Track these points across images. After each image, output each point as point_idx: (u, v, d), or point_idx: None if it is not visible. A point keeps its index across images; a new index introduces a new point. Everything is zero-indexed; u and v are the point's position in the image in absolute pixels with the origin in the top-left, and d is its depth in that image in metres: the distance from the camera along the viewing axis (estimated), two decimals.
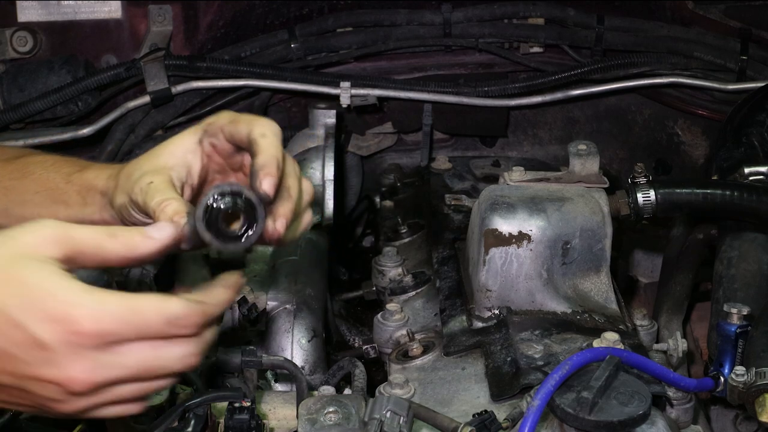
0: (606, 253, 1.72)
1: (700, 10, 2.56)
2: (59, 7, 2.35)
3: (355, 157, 2.60)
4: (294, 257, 2.09)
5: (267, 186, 1.16)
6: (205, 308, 1.09)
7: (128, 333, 1.03)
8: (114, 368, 1.04)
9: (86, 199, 1.36)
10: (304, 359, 1.86)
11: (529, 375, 1.52)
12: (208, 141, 1.28)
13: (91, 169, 1.38)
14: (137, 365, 1.05)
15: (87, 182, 1.36)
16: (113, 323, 1.02)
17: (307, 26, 2.51)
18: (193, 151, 1.28)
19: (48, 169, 1.40)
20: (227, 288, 1.15)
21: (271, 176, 1.17)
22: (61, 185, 1.38)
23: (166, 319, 1.05)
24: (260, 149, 1.21)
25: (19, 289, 1.02)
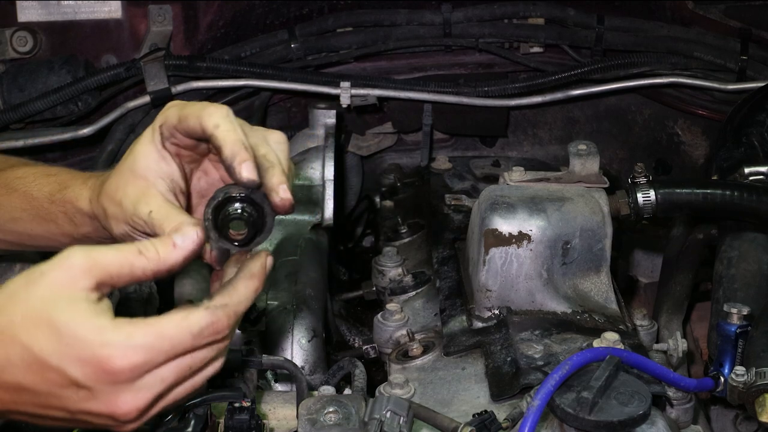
0: (606, 253, 1.72)
1: (700, 10, 2.56)
2: (59, 7, 2.35)
3: (355, 157, 2.60)
4: (294, 257, 2.09)
5: (247, 173, 1.15)
6: (229, 311, 1.10)
7: (160, 358, 1.07)
8: (155, 387, 1.08)
9: (75, 220, 1.36)
10: (304, 359, 1.86)
11: (529, 375, 1.52)
12: (169, 143, 1.25)
13: (69, 188, 1.36)
14: (176, 376, 1.09)
15: (71, 204, 1.35)
16: (144, 355, 1.05)
17: (307, 26, 2.51)
18: (163, 158, 1.26)
19: (30, 186, 1.40)
20: (251, 279, 1.15)
21: (246, 160, 1.15)
22: (45, 205, 1.38)
23: (193, 335, 1.07)
24: (220, 141, 1.18)
25: (51, 333, 1.05)
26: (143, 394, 1.07)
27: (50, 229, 1.40)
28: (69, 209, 1.36)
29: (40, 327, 1.05)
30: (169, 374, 1.08)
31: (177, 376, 1.09)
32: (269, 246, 2.15)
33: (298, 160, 2.24)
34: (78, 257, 1.07)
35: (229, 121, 1.19)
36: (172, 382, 1.09)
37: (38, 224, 1.40)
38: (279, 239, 2.16)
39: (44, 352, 1.05)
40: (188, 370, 1.10)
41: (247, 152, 1.16)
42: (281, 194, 1.17)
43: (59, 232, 1.39)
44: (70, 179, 1.38)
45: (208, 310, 1.08)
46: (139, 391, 1.07)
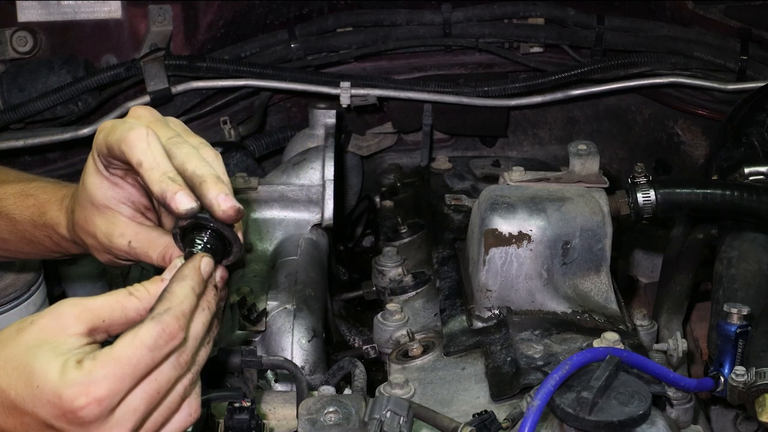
0: (606, 253, 1.72)
1: (700, 10, 2.57)
2: (59, 7, 2.35)
3: (355, 157, 2.60)
4: (294, 257, 2.09)
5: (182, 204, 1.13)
6: (174, 312, 1.07)
7: (124, 385, 1.05)
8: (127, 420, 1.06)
9: (61, 244, 1.37)
10: (304, 359, 1.86)
11: (529, 375, 1.51)
12: (111, 169, 1.24)
13: (48, 213, 1.35)
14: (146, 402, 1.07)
15: (52, 230, 1.35)
16: (106, 386, 1.04)
17: (307, 26, 2.51)
18: (115, 184, 1.25)
19: (11, 209, 1.39)
20: (183, 280, 1.12)
21: (176, 192, 1.13)
22: (29, 229, 1.38)
23: (149, 347, 1.05)
24: (146, 180, 1.15)
25: (25, 378, 1.05)
26: (118, 430, 1.05)
27: (39, 249, 1.40)
28: (53, 235, 1.36)
29: (17, 372, 1.05)
30: (139, 402, 1.06)
31: (147, 403, 1.07)
32: (269, 246, 2.15)
33: (298, 160, 2.24)
34: (68, 305, 1.07)
35: (151, 155, 1.15)
36: (144, 410, 1.07)
37: (26, 245, 1.40)
38: (279, 239, 2.16)
39: (19, 397, 1.05)
40: (156, 394, 1.07)
41: (174, 183, 1.13)
42: (222, 206, 1.15)
43: (47, 251, 1.40)
44: (47, 203, 1.36)
45: (154, 320, 1.06)
46: (113, 429, 1.05)
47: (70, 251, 1.38)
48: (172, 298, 1.09)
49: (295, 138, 2.39)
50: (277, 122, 2.63)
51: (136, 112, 1.24)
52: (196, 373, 1.13)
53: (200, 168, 1.16)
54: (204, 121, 2.47)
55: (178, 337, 1.07)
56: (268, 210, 2.18)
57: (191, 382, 1.12)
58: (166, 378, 1.08)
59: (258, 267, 2.09)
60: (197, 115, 2.44)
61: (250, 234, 2.14)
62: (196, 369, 1.13)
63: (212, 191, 1.15)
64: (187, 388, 1.12)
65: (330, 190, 2.13)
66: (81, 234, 1.29)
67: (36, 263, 1.88)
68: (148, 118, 1.22)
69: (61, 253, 1.40)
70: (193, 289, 1.11)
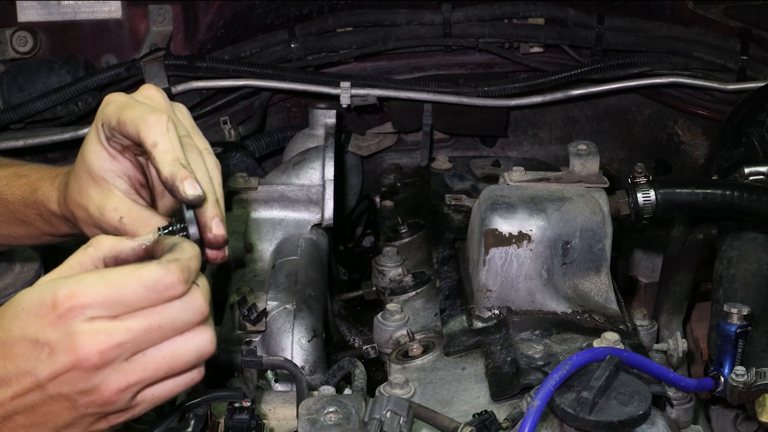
0: (606, 253, 1.72)
1: (700, 10, 2.57)
2: (59, 7, 2.35)
3: (355, 157, 2.60)
4: (294, 257, 2.09)
5: (191, 189, 1.14)
6: (181, 264, 1.05)
7: (109, 303, 1.02)
8: (117, 334, 1.03)
9: (51, 222, 1.36)
10: (304, 359, 1.86)
11: (529, 375, 1.51)
12: (111, 142, 1.24)
13: (39, 190, 1.35)
14: (144, 330, 1.04)
15: (43, 206, 1.35)
16: (91, 294, 1.02)
17: (307, 26, 2.51)
18: (113, 156, 1.25)
19: (3, 190, 1.39)
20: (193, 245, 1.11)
21: (187, 177, 1.14)
22: (20, 208, 1.38)
23: (146, 287, 1.03)
24: (158, 162, 1.16)
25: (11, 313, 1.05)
26: (104, 337, 1.02)
27: (30, 230, 1.40)
28: (43, 212, 1.36)
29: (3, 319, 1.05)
30: (136, 325, 1.03)
31: (146, 331, 1.03)
32: (269, 246, 2.15)
33: (298, 160, 2.24)
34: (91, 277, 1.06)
35: (168, 139, 1.17)
36: (139, 334, 1.03)
37: (18, 226, 1.40)
38: (279, 239, 2.15)
39: (5, 332, 1.04)
40: (158, 329, 1.04)
41: (185, 170, 1.15)
42: (214, 230, 1.17)
43: (40, 232, 1.40)
44: (39, 180, 1.37)
45: (160, 264, 1.04)
46: (98, 334, 1.02)
47: (60, 230, 1.37)
48: (182, 252, 1.08)
49: (295, 138, 2.39)
50: (277, 122, 2.63)
51: (148, 92, 1.25)
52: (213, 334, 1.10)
53: (204, 183, 1.17)
54: (204, 121, 2.47)
55: (177, 288, 1.04)
56: (268, 210, 2.18)
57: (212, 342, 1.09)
58: (170, 318, 1.05)
59: (258, 267, 2.09)
60: (197, 115, 2.43)
61: (250, 234, 2.14)
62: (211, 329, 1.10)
63: (209, 212, 1.17)
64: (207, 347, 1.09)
65: (330, 190, 2.13)
66: (72, 207, 1.28)
67: (36, 263, 1.88)
68: (162, 104, 1.24)
69: (51, 235, 1.40)
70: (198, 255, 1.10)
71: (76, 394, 1.05)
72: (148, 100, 1.24)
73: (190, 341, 1.07)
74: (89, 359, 1.02)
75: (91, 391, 1.05)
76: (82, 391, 1.05)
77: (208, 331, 1.09)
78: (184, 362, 1.08)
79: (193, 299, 1.06)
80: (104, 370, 1.04)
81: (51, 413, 1.07)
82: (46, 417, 1.07)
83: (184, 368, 1.08)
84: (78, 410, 1.07)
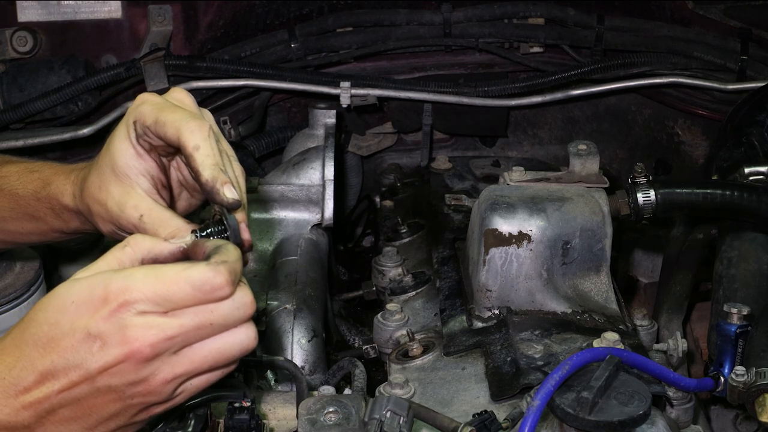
0: (606, 253, 1.72)
1: (700, 10, 2.57)
2: (59, 7, 2.35)
3: (355, 157, 2.60)
4: (294, 257, 2.09)
5: (231, 194, 1.19)
6: (229, 267, 1.08)
7: (159, 299, 1.05)
8: (169, 327, 1.05)
9: (62, 216, 1.37)
10: (304, 359, 1.86)
11: (529, 375, 1.52)
12: (142, 140, 1.26)
13: (53, 184, 1.37)
14: (196, 325, 1.06)
15: (56, 200, 1.36)
16: (142, 289, 1.05)
17: (307, 26, 2.51)
18: (140, 155, 1.27)
19: (14, 184, 1.40)
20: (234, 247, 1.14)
21: (227, 183, 1.19)
22: (31, 203, 1.38)
23: (193, 287, 1.06)
24: (199, 165, 1.19)
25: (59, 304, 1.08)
26: (156, 331, 1.05)
27: (39, 226, 1.40)
28: (55, 206, 1.37)
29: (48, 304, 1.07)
30: (188, 321, 1.06)
31: (197, 327, 1.06)
32: (269, 246, 2.15)
33: (298, 160, 2.24)
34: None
35: (209, 145, 1.20)
36: (190, 330, 1.06)
37: (27, 222, 1.41)
38: (279, 239, 2.16)
39: (52, 327, 1.06)
40: (209, 326, 1.07)
41: (225, 174, 1.19)
42: (243, 235, 1.22)
43: (48, 228, 1.40)
44: (53, 175, 1.38)
45: (210, 265, 1.07)
46: (150, 328, 1.05)
47: (70, 225, 1.38)
48: (228, 255, 1.10)
49: (295, 138, 2.39)
50: (277, 122, 2.63)
51: (179, 95, 1.27)
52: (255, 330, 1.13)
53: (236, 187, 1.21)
54: None
55: (223, 289, 1.07)
56: (268, 210, 2.18)
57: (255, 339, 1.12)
58: (224, 314, 1.08)
59: (258, 267, 2.09)
60: None
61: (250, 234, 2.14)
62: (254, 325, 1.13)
63: (239, 217, 1.23)
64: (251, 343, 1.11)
65: (330, 190, 2.13)
66: (89, 201, 1.29)
67: (36, 263, 1.88)
68: (195, 109, 1.27)
69: (59, 231, 1.40)
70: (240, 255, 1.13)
71: (125, 385, 1.07)
72: (180, 103, 1.27)
73: (237, 337, 1.10)
74: (141, 351, 1.05)
75: (140, 383, 1.07)
76: (131, 382, 1.07)
77: (252, 328, 1.12)
78: (229, 357, 1.11)
79: (243, 298, 1.10)
80: (154, 363, 1.06)
81: (96, 405, 1.09)
82: (91, 409, 1.09)
83: (228, 362, 1.12)
84: (124, 401, 1.09)
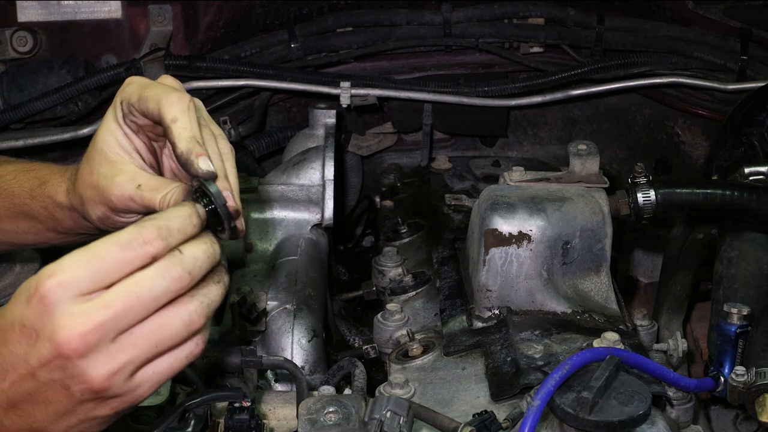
0: (606, 253, 1.72)
1: (700, 10, 2.57)
2: (59, 7, 2.35)
3: (355, 157, 2.60)
4: (294, 257, 2.09)
5: (205, 165, 1.17)
6: (158, 222, 1.06)
7: (89, 272, 1.02)
8: (96, 313, 1.02)
9: (55, 215, 1.37)
10: (304, 359, 1.86)
11: (529, 375, 1.52)
12: (128, 119, 1.26)
13: (49, 183, 1.36)
14: (122, 302, 1.03)
15: (50, 198, 1.36)
16: (70, 272, 1.02)
17: (307, 26, 2.51)
18: (126, 135, 1.27)
19: (10, 183, 1.40)
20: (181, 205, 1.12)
21: (202, 155, 1.17)
22: (26, 201, 1.38)
23: (119, 245, 1.03)
24: (175, 137, 1.18)
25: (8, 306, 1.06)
26: (83, 319, 1.01)
27: (34, 225, 1.40)
28: (49, 204, 1.36)
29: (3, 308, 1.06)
30: (113, 299, 1.02)
31: (125, 304, 1.02)
32: (269, 246, 2.15)
33: (298, 160, 2.24)
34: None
35: (188, 117, 1.20)
36: (119, 310, 1.02)
37: (22, 221, 1.40)
38: (279, 239, 2.16)
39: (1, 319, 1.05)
40: (136, 300, 1.03)
41: (200, 147, 1.18)
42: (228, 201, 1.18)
43: (43, 227, 1.40)
44: (49, 174, 1.38)
45: (135, 224, 1.06)
46: (77, 316, 1.01)
47: (64, 225, 1.37)
48: (160, 214, 1.09)
49: (295, 138, 2.39)
50: (277, 122, 2.63)
51: (167, 80, 1.27)
52: (203, 306, 1.09)
53: (215, 162, 1.20)
54: None
55: (153, 243, 1.04)
56: (268, 210, 2.18)
57: (198, 313, 1.08)
58: (149, 283, 1.04)
59: (258, 267, 2.09)
60: None
61: (250, 234, 2.14)
62: (203, 301, 1.09)
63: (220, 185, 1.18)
64: (193, 317, 1.08)
65: (330, 190, 2.13)
66: (81, 188, 1.28)
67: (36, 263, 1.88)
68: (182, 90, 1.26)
69: (54, 231, 1.40)
70: (189, 215, 1.10)
71: (67, 379, 1.04)
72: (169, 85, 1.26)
73: (177, 313, 1.06)
74: (70, 344, 1.02)
75: (81, 377, 1.04)
76: (71, 376, 1.04)
77: (194, 302, 1.08)
78: (173, 334, 1.06)
79: (170, 265, 1.05)
80: (90, 354, 1.03)
81: (49, 400, 1.06)
82: (46, 403, 1.07)
83: (175, 341, 1.07)
84: (73, 397, 1.06)
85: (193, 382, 1.42)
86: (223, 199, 1.17)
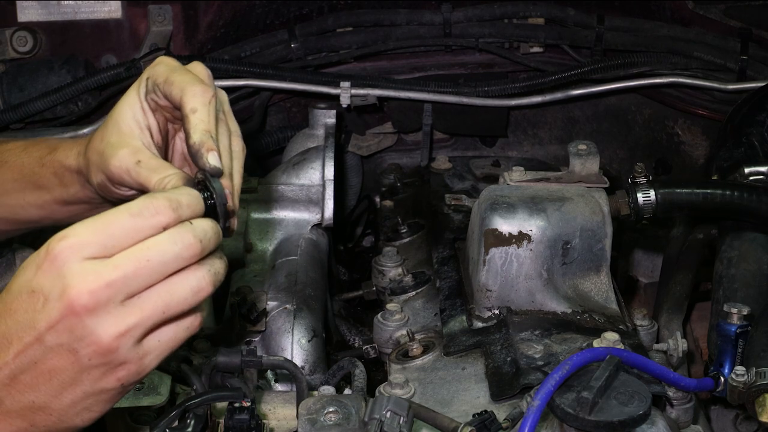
0: (606, 253, 1.72)
1: (700, 10, 2.57)
2: (59, 7, 2.35)
3: (355, 157, 2.60)
4: (294, 257, 2.09)
5: (214, 160, 1.19)
6: (168, 195, 1.08)
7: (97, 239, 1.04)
8: (106, 271, 1.03)
9: (63, 180, 1.38)
10: (304, 359, 1.86)
11: (529, 375, 1.52)
12: (150, 97, 1.28)
13: (60, 149, 1.39)
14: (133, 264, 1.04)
15: (59, 163, 1.38)
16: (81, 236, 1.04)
17: (307, 26, 2.51)
18: (144, 110, 1.29)
19: (20, 155, 1.42)
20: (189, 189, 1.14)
21: (212, 150, 1.19)
22: (36, 169, 1.40)
23: (130, 213, 1.05)
24: (191, 127, 1.21)
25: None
26: (94, 277, 1.02)
27: (41, 195, 1.41)
28: (58, 168, 1.38)
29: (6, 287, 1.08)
30: (124, 260, 1.04)
31: (135, 266, 1.04)
32: (269, 246, 2.15)
33: (298, 160, 2.24)
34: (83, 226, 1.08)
35: (207, 111, 1.22)
36: (129, 271, 1.03)
37: (30, 193, 1.41)
38: (279, 239, 2.16)
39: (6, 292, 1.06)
40: (146, 263, 1.04)
41: (213, 141, 1.20)
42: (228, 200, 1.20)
43: (50, 198, 1.41)
44: (59, 142, 1.41)
45: (146, 195, 1.08)
46: (88, 274, 1.03)
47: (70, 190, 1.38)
48: (169, 190, 1.12)
49: (295, 138, 2.39)
50: (277, 122, 2.63)
51: (197, 68, 1.29)
52: (211, 275, 1.10)
53: (224, 159, 1.22)
54: None
55: (165, 213, 1.06)
56: (268, 210, 2.18)
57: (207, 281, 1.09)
58: (160, 248, 1.05)
59: (258, 267, 2.09)
60: None
61: (250, 234, 2.14)
62: (210, 269, 1.10)
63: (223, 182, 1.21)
64: (201, 284, 1.09)
65: (330, 190, 2.13)
66: (90, 153, 1.31)
67: None
68: (209, 81, 1.28)
69: (60, 201, 1.41)
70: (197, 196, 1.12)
71: (75, 341, 1.04)
72: (197, 74, 1.28)
73: (185, 279, 1.08)
74: (80, 300, 1.02)
75: (89, 337, 1.04)
76: (79, 337, 1.04)
77: (203, 270, 1.09)
78: (181, 300, 1.08)
79: (182, 232, 1.07)
80: (99, 313, 1.04)
81: (55, 369, 1.07)
82: (51, 373, 1.07)
83: (183, 308, 1.08)
84: (80, 362, 1.06)
85: (193, 382, 1.42)
86: (224, 197, 1.18)
